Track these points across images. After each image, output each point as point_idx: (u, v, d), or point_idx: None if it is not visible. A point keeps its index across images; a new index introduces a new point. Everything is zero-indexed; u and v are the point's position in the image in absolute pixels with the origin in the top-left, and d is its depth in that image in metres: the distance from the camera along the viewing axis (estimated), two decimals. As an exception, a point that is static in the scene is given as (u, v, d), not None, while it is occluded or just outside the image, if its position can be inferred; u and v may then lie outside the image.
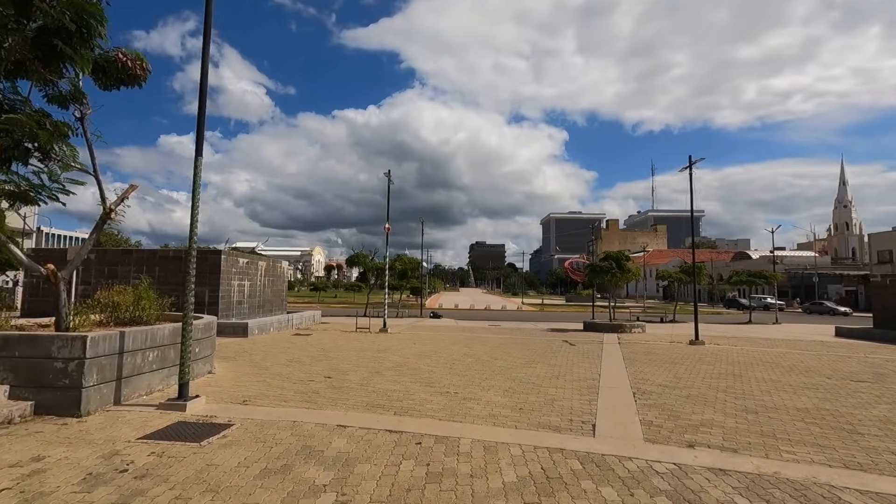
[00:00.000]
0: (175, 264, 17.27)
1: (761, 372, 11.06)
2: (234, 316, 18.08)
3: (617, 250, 23.69)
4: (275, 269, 22.14)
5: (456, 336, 18.76)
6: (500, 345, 15.85)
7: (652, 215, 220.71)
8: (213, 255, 17.22)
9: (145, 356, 7.05)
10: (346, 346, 14.31)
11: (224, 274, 17.32)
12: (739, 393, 8.58)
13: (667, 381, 9.63)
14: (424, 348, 14.42)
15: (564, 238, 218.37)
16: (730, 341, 18.70)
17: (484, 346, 15.22)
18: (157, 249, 17.34)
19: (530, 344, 16.38)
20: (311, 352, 12.84)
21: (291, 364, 10.60)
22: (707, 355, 14.03)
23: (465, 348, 14.68)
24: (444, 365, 11.12)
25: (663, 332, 22.60)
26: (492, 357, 12.66)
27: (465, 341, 16.75)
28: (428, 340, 16.90)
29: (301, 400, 7.14)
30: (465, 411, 6.74)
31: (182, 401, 6.32)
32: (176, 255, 17.37)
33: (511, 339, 18.08)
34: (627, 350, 15.05)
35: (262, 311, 20.55)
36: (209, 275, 17.12)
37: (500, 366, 11.17)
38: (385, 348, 14.12)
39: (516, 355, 13.17)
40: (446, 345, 15.54)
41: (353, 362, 11.16)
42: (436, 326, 24.21)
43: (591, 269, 23.04)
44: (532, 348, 15.04)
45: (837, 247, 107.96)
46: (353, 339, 16.53)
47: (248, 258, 19.46)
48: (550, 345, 16.22)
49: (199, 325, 8.52)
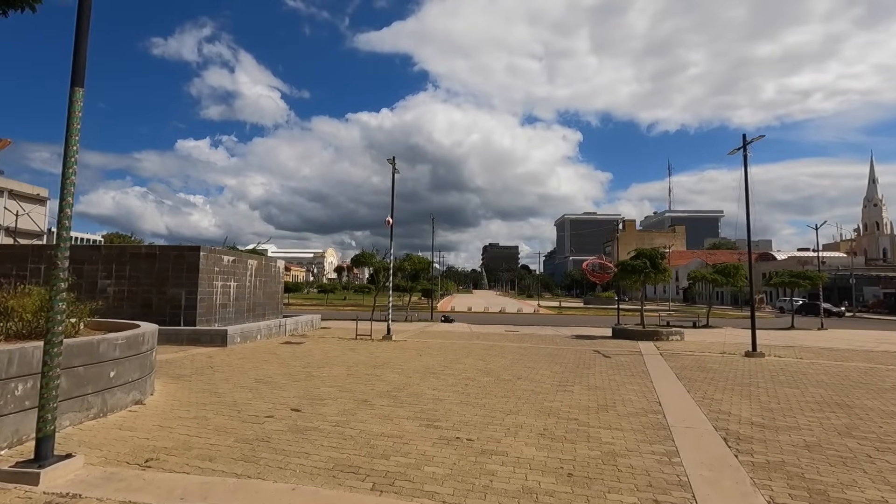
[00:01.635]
0: (149, 263, 15.15)
1: (869, 398, 8.45)
2: (218, 321, 15.91)
3: (651, 248, 21.07)
4: (268, 269, 19.96)
5: (469, 345, 16.34)
6: (522, 356, 13.40)
7: (669, 216, 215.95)
8: (190, 251, 15.05)
9: (7, 389, 4.75)
10: (337, 359, 11.99)
11: (204, 273, 15.15)
12: (873, 436, 6.03)
13: (756, 415, 7.09)
14: (431, 362, 12.03)
15: (579, 239, 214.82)
16: (790, 352, 15.99)
17: (502, 359, 12.78)
18: (128, 246, 15.29)
19: (557, 355, 13.90)
20: (292, 367, 10.52)
21: (258, 387, 8.28)
22: (778, 372, 11.41)
23: (481, 361, 12.26)
24: (454, 387, 8.71)
25: (704, 340, 19.91)
26: (514, 375, 10.22)
27: (479, 351, 14.33)
28: (436, 351, 14.52)
29: (237, 456, 4.79)
30: (485, 482, 4.32)
31: (36, 465, 3.99)
32: (150, 252, 15.24)
33: (533, 348, 15.61)
34: (675, 364, 12.49)
35: (253, 316, 18.37)
36: (186, 274, 14.96)
37: (526, 389, 8.72)
38: (384, 362, 11.76)
39: (544, 372, 10.72)
40: (458, 356, 13.14)
41: (339, 383, 8.80)
42: (447, 332, 21.82)
43: (622, 269, 20.45)
44: (560, 361, 12.56)
45: (867, 247, 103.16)
46: (350, 349, 14.21)
47: (235, 256, 17.29)
48: (581, 356, 13.72)
49: (117, 341, 6.23)
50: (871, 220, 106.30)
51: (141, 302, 14.92)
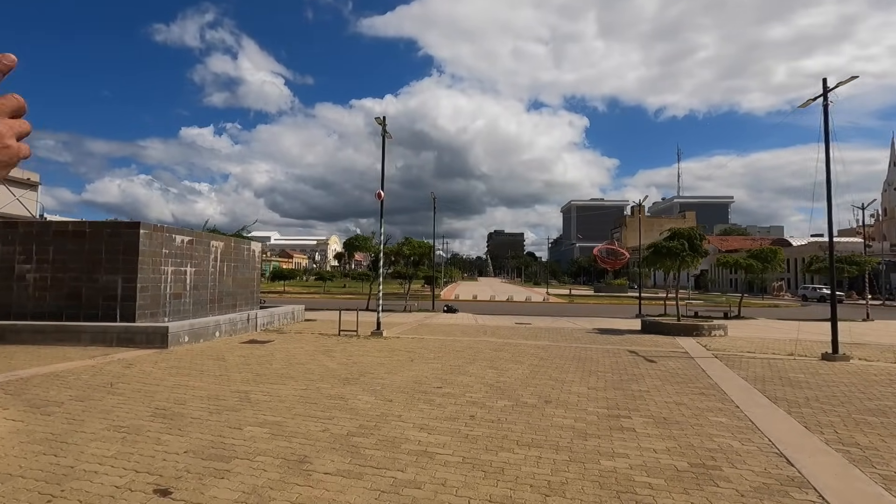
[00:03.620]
0: (77, 244, 12.20)
1: None
2: (169, 314, 13.01)
3: (688, 227, 17.93)
4: (239, 252, 17.01)
5: (475, 343, 13.38)
6: (543, 361, 10.42)
7: (678, 202, 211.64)
8: (127, 229, 12.08)
9: None
10: (300, 368, 9.04)
11: (146, 256, 12.21)
12: None
13: (977, 491, 4.08)
14: (424, 371, 9.06)
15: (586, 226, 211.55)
16: (869, 352, 12.94)
17: (518, 366, 9.81)
18: (52, 223, 12.39)
19: (586, 358, 10.92)
20: (228, 384, 7.58)
21: (145, 427, 5.34)
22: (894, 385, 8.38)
23: (491, 370, 9.29)
24: (452, 424, 5.75)
25: (750, 335, 16.87)
26: (539, 395, 7.24)
27: (488, 353, 11.36)
28: (434, 352, 11.56)
29: None
30: None
31: None
32: (78, 230, 12.27)
33: (553, 347, 12.63)
34: (746, 373, 9.48)
35: (219, 307, 15.47)
36: (123, 257, 12.02)
37: (562, 425, 5.74)
38: (361, 372, 8.80)
39: (578, 388, 7.73)
40: (460, 362, 10.18)
41: (279, 417, 5.86)
42: (449, 325, 18.88)
43: (655, 252, 17.35)
44: (594, 369, 9.57)
45: (887, 232, 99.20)
46: (324, 351, 11.28)
47: (193, 236, 14.32)
48: (617, 360, 10.73)
49: None
50: (891, 204, 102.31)
51: (67, 292, 12.03)
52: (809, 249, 73.72)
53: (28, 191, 50.57)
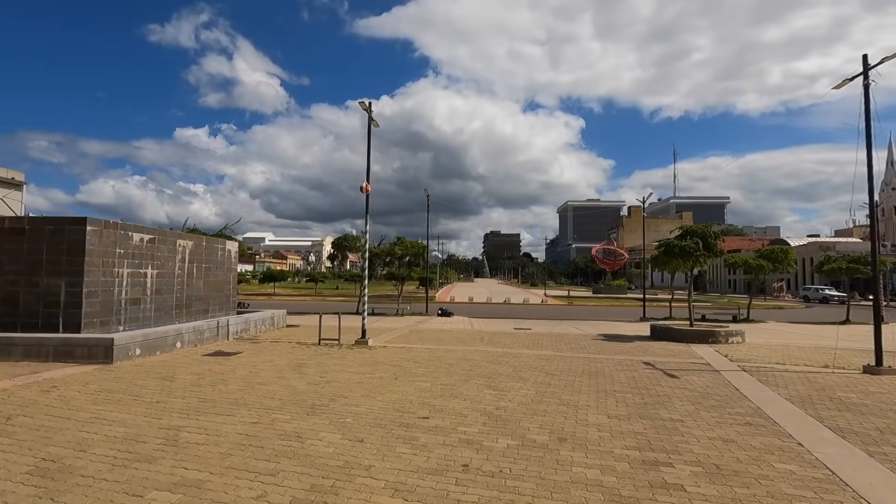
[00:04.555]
0: (15, 242, 10.67)
1: None
2: (124, 323, 11.48)
3: (702, 224, 16.55)
4: (211, 253, 15.49)
5: (471, 354, 11.91)
6: (549, 377, 8.97)
7: (674, 202, 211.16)
8: (71, 225, 10.55)
9: None
10: (259, 391, 7.55)
11: (95, 257, 10.68)
12: None
13: None
14: (409, 394, 7.58)
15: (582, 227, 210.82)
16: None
17: (522, 384, 8.35)
18: (-13, 218, 10.90)
19: (598, 373, 9.47)
20: (166, 414, 6.09)
21: (9, 493, 3.86)
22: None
23: (489, 390, 7.84)
24: (439, 477, 4.28)
25: (770, 342, 15.50)
26: (550, 429, 5.78)
27: (485, 367, 9.90)
28: (423, 366, 10.08)
29: None
30: None
31: None
32: (16, 227, 10.72)
33: (559, 359, 11.17)
34: (788, 392, 8.07)
35: (188, 314, 13.95)
36: (67, 257, 10.50)
37: (587, 482, 4.28)
38: (332, 395, 7.31)
39: (598, 419, 6.29)
40: (453, 379, 8.71)
41: (202, 475, 4.37)
42: (443, 332, 17.41)
43: (666, 251, 15.95)
44: (611, 388, 8.13)
45: (885, 232, 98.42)
46: (296, 367, 9.78)
47: (155, 234, 12.79)
48: (634, 376, 9.30)
49: None
50: (889, 204, 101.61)
51: (3, 297, 10.48)
52: (809, 250, 72.70)
53: (12, 190, 48.73)
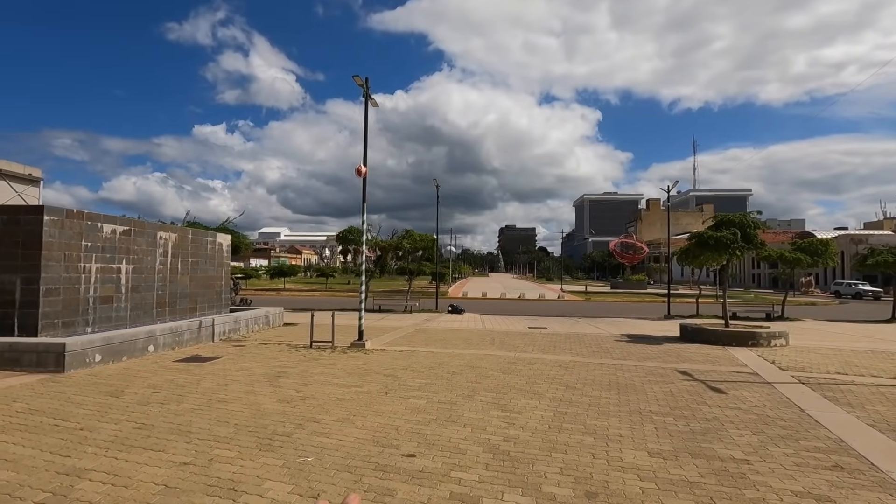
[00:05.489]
0: (-33, 233, 9.53)
1: None
2: (93, 324, 10.30)
3: (739, 213, 14.80)
4: (199, 246, 14.29)
5: (479, 360, 10.47)
6: (569, 392, 7.49)
7: (694, 195, 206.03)
8: (28, 214, 9.36)
9: None
10: (214, 413, 6.22)
11: (55, 250, 9.49)
12: None
13: None
14: (398, 414, 6.18)
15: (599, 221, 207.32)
16: None
17: (537, 401, 6.90)
18: (-64, 207, 9.79)
19: (628, 386, 7.97)
20: (81, 448, 4.79)
21: None
22: None
23: (496, 411, 6.40)
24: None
25: (816, 345, 13.76)
26: (574, 476, 4.32)
27: (494, 377, 8.45)
28: (422, 375, 8.67)
29: None
30: None
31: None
32: (-32, 216, 9.60)
33: (581, 366, 9.67)
34: (870, 415, 6.47)
35: (171, 312, 12.78)
36: (22, 251, 9.32)
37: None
38: (302, 419, 5.95)
39: (637, 459, 4.81)
40: (455, 395, 7.30)
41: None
42: (451, 331, 16.01)
43: (699, 243, 14.27)
44: (646, 409, 6.63)
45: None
46: (273, 376, 8.45)
47: (130, 225, 11.60)
48: (671, 391, 7.77)
49: None
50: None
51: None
52: (840, 243, 69.50)
53: (30, 186, 48.65)
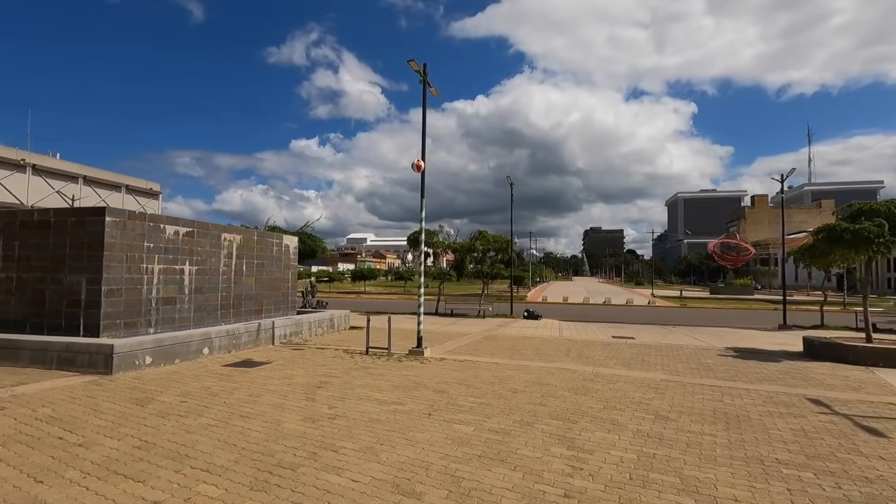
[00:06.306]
0: (42, 236, 9.89)
1: None
2: (155, 324, 10.32)
3: (884, 201, 11.88)
4: (265, 248, 14.21)
5: (548, 375, 8.99)
6: (660, 424, 5.85)
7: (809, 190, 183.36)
8: (91, 216, 9.50)
9: None
10: (230, 431, 5.46)
11: (117, 251, 9.55)
12: None
13: None
14: (435, 446, 5.03)
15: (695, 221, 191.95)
16: None
17: (615, 435, 5.38)
18: (19, 212, 10.30)
19: (741, 419, 6.13)
20: (59, 472, 4.17)
21: None
22: None
23: (560, 448, 5.01)
24: None
25: None
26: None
27: (564, 398, 6.98)
28: (478, 392, 7.43)
29: None
30: None
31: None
32: (43, 220, 9.94)
33: (676, 387, 7.86)
34: None
35: (236, 314, 12.72)
36: (87, 252, 9.46)
37: None
38: (321, 444, 4.98)
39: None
40: (510, 421, 5.98)
41: None
42: (522, 339, 14.57)
43: (828, 237, 11.62)
44: (772, 457, 4.85)
45: None
46: (314, 387, 7.67)
47: (194, 227, 11.61)
48: (805, 428, 5.83)
49: None
50: None
51: (31, 296, 9.73)
52: None
53: (150, 199, 54.26)
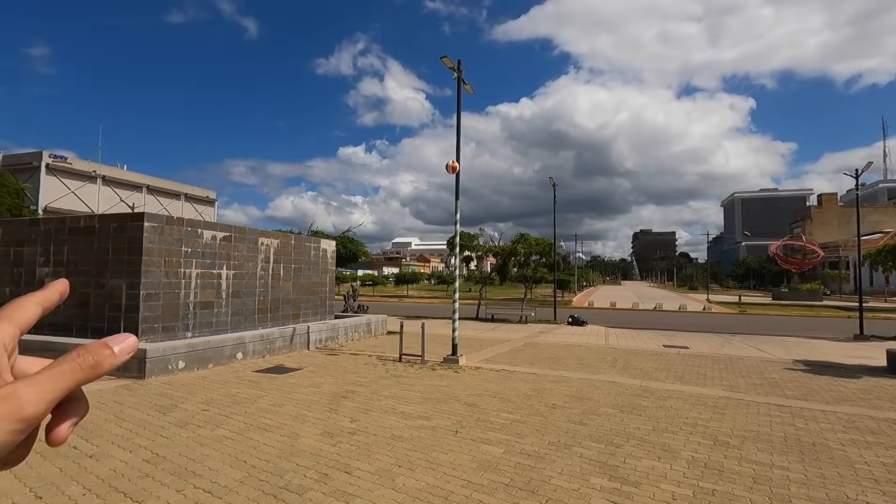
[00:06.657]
0: (87, 242, 10.19)
1: None
2: (193, 329, 10.41)
3: None
4: (302, 252, 14.21)
5: (590, 388, 8.29)
6: (722, 452, 5.08)
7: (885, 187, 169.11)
8: (131, 222, 9.67)
9: None
10: (238, 448, 5.19)
11: (155, 256, 9.68)
12: None
13: None
14: (457, 471, 4.52)
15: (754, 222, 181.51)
16: None
17: (667, 465, 4.68)
18: (67, 218, 10.64)
19: (818, 448, 5.25)
20: (42, 497, 4.03)
21: None
22: None
23: (600, 477, 4.39)
24: None
25: None
26: None
27: (607, 417, 6.30)
28: (513, 407, 6.86)
29: None
30: None
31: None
32: (88, 226, 10.24)
33: (737, 407, 6.99)
34: None
35: (274, 318, 12.74)
36: (127, 257, 9.64)
37: None
38: (335, 464, 4.60)
39: None
40: (545, 444, 5.38)
41: None
42: (564, 347, 13.82)
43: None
44: (860, 500, 4.08)
45: None
46: (340, 396, 7.35)
47: (231, 231, 11.69)
48: (900, 464, 4.93)
49: None
50: None
51: (77, 300, 10.03)
52: None
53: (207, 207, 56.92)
